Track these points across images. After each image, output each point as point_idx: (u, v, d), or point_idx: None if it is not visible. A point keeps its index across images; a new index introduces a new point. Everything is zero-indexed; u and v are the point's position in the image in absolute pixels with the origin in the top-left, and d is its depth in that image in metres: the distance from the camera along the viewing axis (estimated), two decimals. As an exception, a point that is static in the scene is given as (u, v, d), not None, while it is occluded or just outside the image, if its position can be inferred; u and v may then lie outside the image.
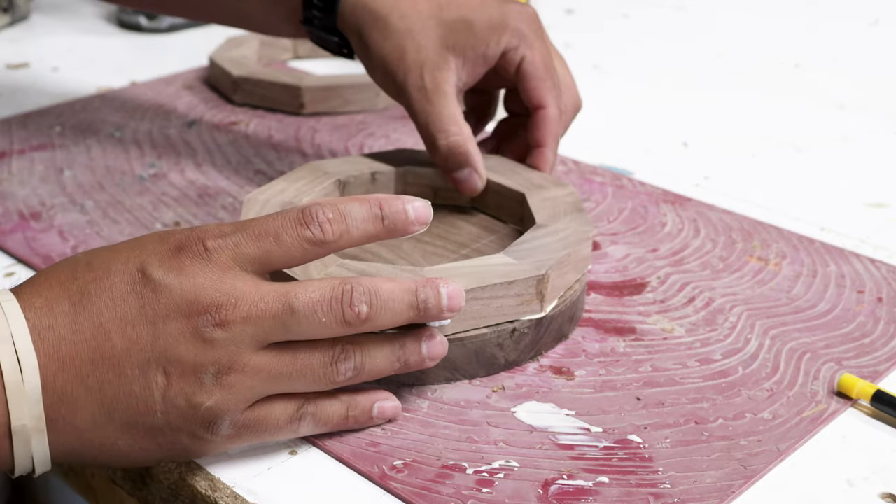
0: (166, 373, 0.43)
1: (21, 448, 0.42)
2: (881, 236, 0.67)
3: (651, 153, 0.80)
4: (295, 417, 0.46)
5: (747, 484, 0.46)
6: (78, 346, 0.42)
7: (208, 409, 0.43)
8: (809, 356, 0.54)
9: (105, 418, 0.43)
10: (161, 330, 0.43)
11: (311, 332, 0.44)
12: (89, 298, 0.43)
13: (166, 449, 0.44)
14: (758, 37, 1.08)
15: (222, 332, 0.43)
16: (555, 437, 0.48)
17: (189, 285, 0.43)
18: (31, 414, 0.41)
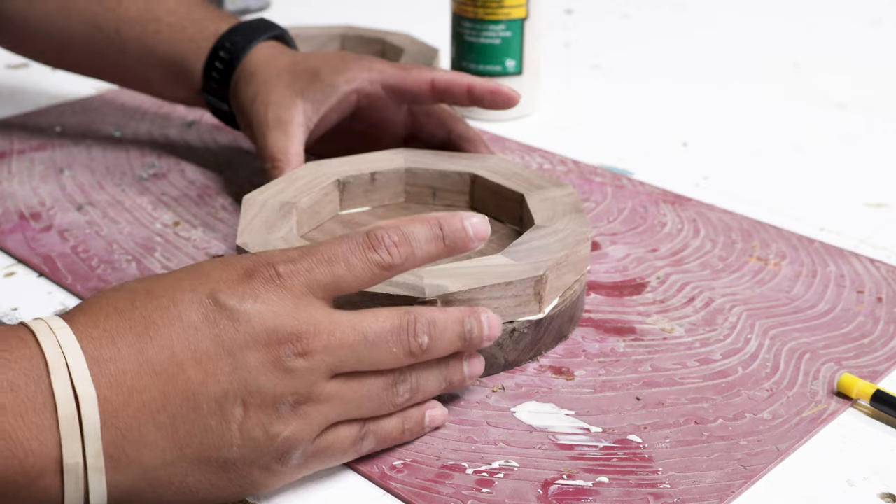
0: (245, 404, 0.41)
1: (72, 486, 0.39)
2: (881, 236, 0.67)
3: (651, 153, 0.80)
4: (358, 438, 0.45)
5: (747, 484, 0.46)
6: (146, 380, 0.40)
7: (285, 439, 0.42)
8: (809, 356, 0.54)
9: (176, 455, 0.41)
10: (240, 360, 0.41)
11: (380, 362, 0.44)
12: (156, 329, 0.41)
13: (236, 484, 0.43)
14: (757, 36, 1.08)
15: (303, 362, 0.42)
16: (554, 437, 0.48)
17: (268, 313, 0.42)
18: (89, 451, 0.39)
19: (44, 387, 0.39)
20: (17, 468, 0.38)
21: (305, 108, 0.66)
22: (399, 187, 0.64)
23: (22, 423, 0.38)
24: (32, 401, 0.39)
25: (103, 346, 0.40)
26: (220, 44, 0.70)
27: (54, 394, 0.39)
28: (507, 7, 0.81)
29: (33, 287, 0.61)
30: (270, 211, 0.58)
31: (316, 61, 0.68)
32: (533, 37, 0.83)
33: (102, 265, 0.63)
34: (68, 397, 0.39)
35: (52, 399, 0.39)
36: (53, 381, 0.39)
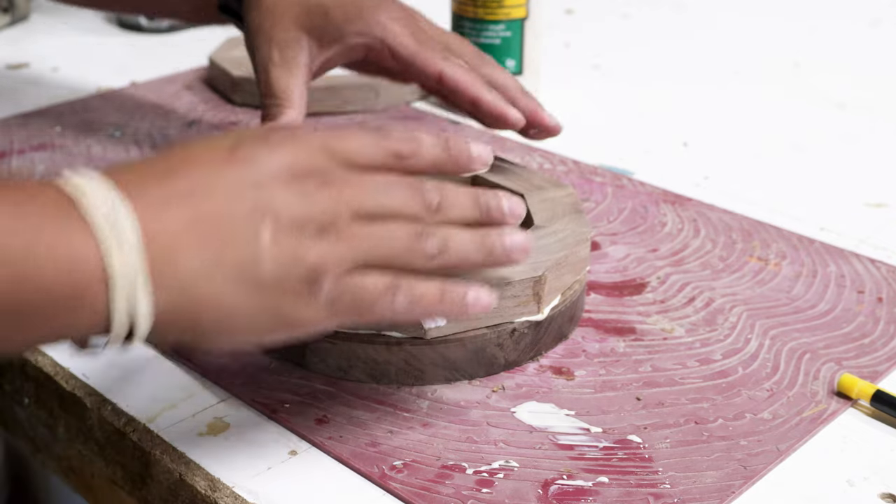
0: (273, 223, 0.42)
1: (120, 299, 0.39)
2: (881, 236, 0.67)
3: (651, 153, 0.80)
4: (390, 288, 0.43)
5: (747, 484, 0.46)
6: (175, 203, 0.41)
7: (313, 263, 0.42)
8: (809, 356, 0.54)
9: (211, 268, 0.41)
10: (265, 189, 0.42)
11: (398, 207, 0.45)
12: (183, 169, 0.42)
13: (270, 310, 0.42)
14: (757, 36, 1.08)
15: (325, 192, 0.43)
16: (554, 437, 0.48)
17: (290, 154, 0.43)
18: (129, 261, 0.39)
19: (76, 210, 0.39)
20: (65, 278, 0.38)
21: (311, 47, 0.63)
22: None
23: (64, 236, 0.39)
24: (69, 217, 0.39)
25: (130, 181, 0.41)
26: None
27: (90, 214, 0.39)
28: (507, 7, 0.81)
29: (33, 287, 0.61)
30: None
31: (329, 1, 0.63)
32: (533, 37, 0.83)
33: (102, 265, 0.63)
34: (104, 210, 0.39)
35: (87, 219, 0.39)
36: (87, 205, 0.39)
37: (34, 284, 0.38)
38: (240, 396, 0.52)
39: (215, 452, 0.48)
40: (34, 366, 0.56)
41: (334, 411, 0.50)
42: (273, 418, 0.50)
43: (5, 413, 0.62)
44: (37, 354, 0.56)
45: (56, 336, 0.40)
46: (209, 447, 0.49)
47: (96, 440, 0.53)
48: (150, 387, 0.53)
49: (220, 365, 0.54)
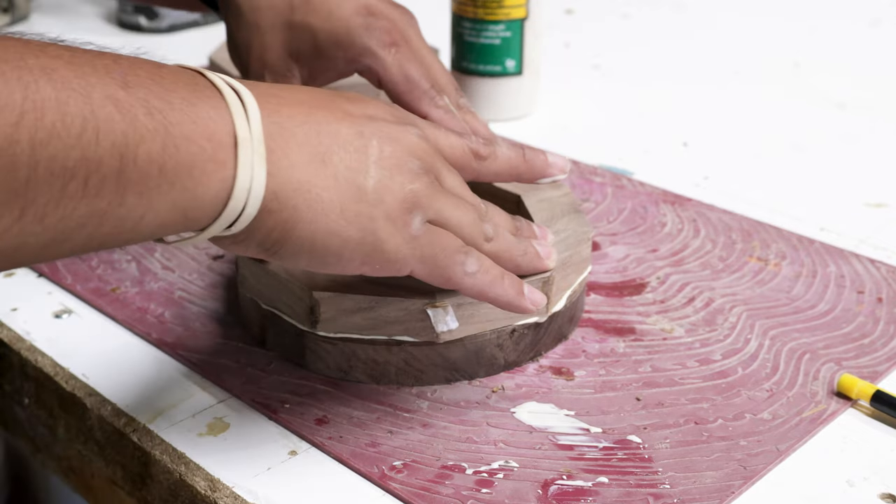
0: (380, 148, 0.45)
1: (245, 165, 0.41)
2: (881, 236, 0.67)
3: (651, 153, 0.80)
4: (465, 249, 0.47)
5: (747, 484, 0.46)
6: (293, 102, 0.44)
7: (411, 191, 0.45)
8: (809, 356, 0.54)
9: (320, 160, 0.43)
10: (376, 121, 0.46)
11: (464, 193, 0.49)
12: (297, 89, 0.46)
13: (362, 226, 0.44)
14: (757, 36, 1.08)
15: (422, 142, 0.47)
16: (554, 437, 0.48)
17: (396, 112, 0.48)
18: (253, 133, 0.41)
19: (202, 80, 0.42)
20: (201, 136, 0.40)
21: (302, 74, 0.62)
22: None
23: (198, 100, 0.41)
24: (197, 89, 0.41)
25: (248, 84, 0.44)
26: None
27: (218, 85, 0.42)
28: (507, 7, 0.81)
29: (33, 287, 0.61)
30: None
31: (315, 19, 0.60)
32: (533, 37, 0.83)
33: (102, 265, 0.63)
34: (227, 87, 0.42)
35: (216, 87, 0.42)
36: (211, 77, 0.42)
37: (176, 140, 0.39)
38: (240, 396, 0.52)
39: (215, 452, 0.48)
40: (34, 366, 0.56)
41: (334, 411, 0.50)
42: (273, 418, 0.50)
43: (5, 413, 0.62)
44: (37, 354, 0.56)
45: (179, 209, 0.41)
46: (209, 447, 0.49)
47: (96, 440, 0.53)
48: (151, 387, 0.53)
49: (220, 365, 0.54)
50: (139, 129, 0.38)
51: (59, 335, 0.57)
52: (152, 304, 0.59)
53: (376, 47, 0.59)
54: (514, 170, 0.54)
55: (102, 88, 0.38)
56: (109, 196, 0.38)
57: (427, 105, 0.60)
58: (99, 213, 0.38)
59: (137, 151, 0.38)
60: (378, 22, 0.60)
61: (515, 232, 0.52)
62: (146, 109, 0.39)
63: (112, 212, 0.38)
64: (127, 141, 0.38)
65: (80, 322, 0.58)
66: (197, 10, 0.73)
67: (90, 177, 0.37)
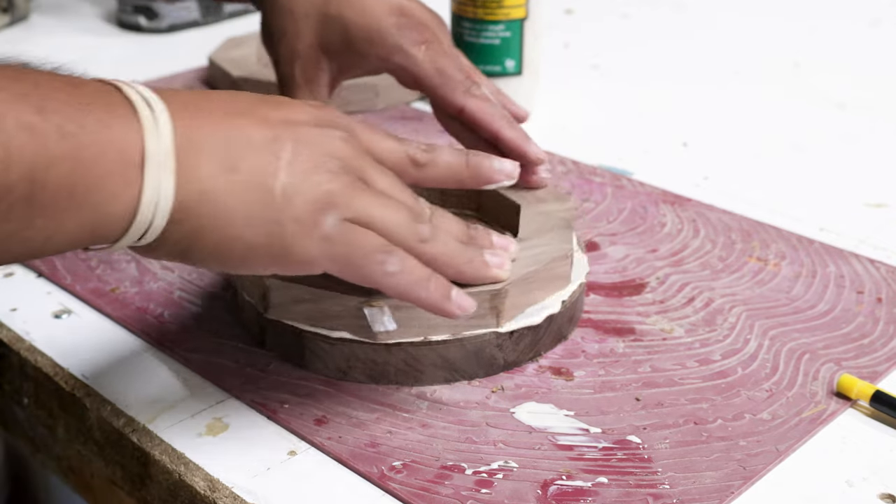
0: (294, 148, 0.45)
1: (152, 180, 0.41)
2: (881, 236, 0.67)
3: (650, 153, 0.80)
4: (387, 247, 0.46)
5: (746, 484, 0.46)
6: (205, 112, 0.44)
7: (324, 191, 0.44)
8: (809, 356, 0.54)
9: (228, 168, 0.43)
10: (294, 125, 0.46)
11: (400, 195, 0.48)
12: (215, 94, 0.46)
13: (271, 226, 0.44)
14: (757, 36, 1.08)
15: (345, 144, 0.46)
16: (554, 437, 0.48)
17: (321, 114, 0.47)
18: (163, 147, 0.41)
19: (118, 95, 0.42)
20: (111, 156, 0.40)
21: (331, 69, 0.63)
22: None
23: (112, 120, 0.41)
24: (112, 103, 0.41)
25: (163, 92, 0.44)
26: None
27: (129, 98, 0.42)
28: (507, 7, 0.81)
29: (32, 287, 0.61)
30: None
31: (350, 13, 0.61)
32: (533, 37, 0.83)
33: (102, 265, 0.63)
34: (141, 101, 0.42)
35: (130, 102, 0.42)
36: (126, 91, 0.42)
37: (86, 162, 0.40)
38: (239, 397, 0.52)
39: (214, 453, 0.48)
40: (34, 366, 0.56)
41: (334, 412, 0.50)
42: (272, 419, 0.50)
43: (5, 413, 0.62)
44: (36, 355, 0.56)
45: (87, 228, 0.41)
46: (208, 447, 0.49)
47: (95, 440, 0.53)
48: (150, 387, 0.53)
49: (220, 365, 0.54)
50: (50, 155, 0.39)
51: (59, 335, 0.57)
52: (152, 304, 0.59)
53: (408, 46, 0.60)
54: (455, 176, 0.52)
55: (16, 116, 0.38)
56: (18, 220, 0.39)
57: (463, 96, 0.60)
58: (6, 235, 0.39)
59: (48, 177, 0.39)
60: (410, 21, 0.61)
61: (466, 240, 0.50)
62: (59, 134, 0.39)
63: (20, 233, 0.39)
64: (37, 167, 0.38)
65: (80, 322, 0.58)
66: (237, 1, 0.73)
67: (0, 203, 0.38)
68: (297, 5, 0.61)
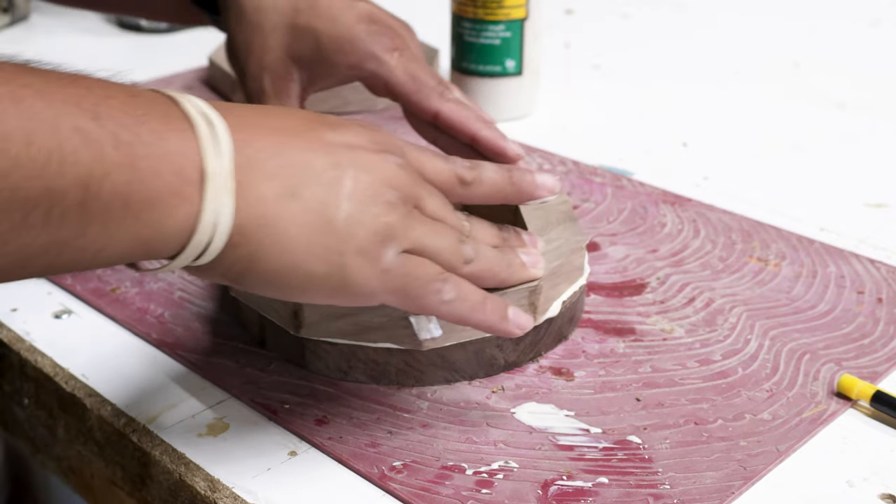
0: (355, 178, 0.44)
1: (211, 201, 0.40)
2: (881, 236, 0.67)
3: (651, 153, 0.80)
4: (441, 277, 0.46)
5: (747, 484, 0.46)
6: (265, 132, 0.43)
7: (385, 223, 0.44)
8: (809, 357, 0.54)
9: (288, 194, 0.42)
10: (353, 150, 0.45)
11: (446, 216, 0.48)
12: (276, 112, 0.46)
13: (330, 256, 0.43)
14: (757, 36, 1.08)
15: (401, 170, 0.46)
16: (554, 437, 0.48)
17: (377, 136, 0.47)
18: (223, 166, 0.40)
19: (176, 109, 0.41)
20: (168, 170, 0.39)
21: (301, 79, 0.62)
22: None
23: (169, 133, 0.40)
24: (170, 117, 0.40)
25: (223, 108, 0.43)
26: None
27: (188, 114, 0.41)
28: (507, 7, 0.81)
29: (33, 287, 0.61)
30: None
31: (320, 23, 0.60)
32: (533, 37, 0.83)
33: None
34: (202, 119, 0.41)
35: (188, 118, 0.41)
36: (185, 106, 0.41)
37: (142, 174, 0.39)
38: (240, 397, 0.52)
39: (215, 453, 0.48)
40: (34, 366, 0.56)
41: (334, 412, 0.50)
42: (273, 419, 0.50)
43: (5, 413, 0.62)
44: (36, 355, 0.56)
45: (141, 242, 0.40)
46: (209, 448, 0.49)
47: (96, 441, 0.53)
48: (150, 387, 0.53)
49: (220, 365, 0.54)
50: (106, 163, 0.38)
51: (59, 335, 0.57)
52: (152, 304, 0.59)
53: (380, 52, 0.60)
54: (500, 193, 0.52)
55: (71, 120, 0.37)
56: (71, 227, 0.38)
57: (437, 100, 0.59)
58: (60, 243, 0.38)
59: (102, 185, 0.38)
60: (380, 28, 0.60)
61: (501, 243, 0.51)
62: (115, 142, 0.38)
63: (73, 242, 0.38)
64: (92, 174, 0.38)
65: (80, 322, 0.58)
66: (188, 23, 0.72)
67: (53, 208, 0.37)
68: (265, 19, 0.60)
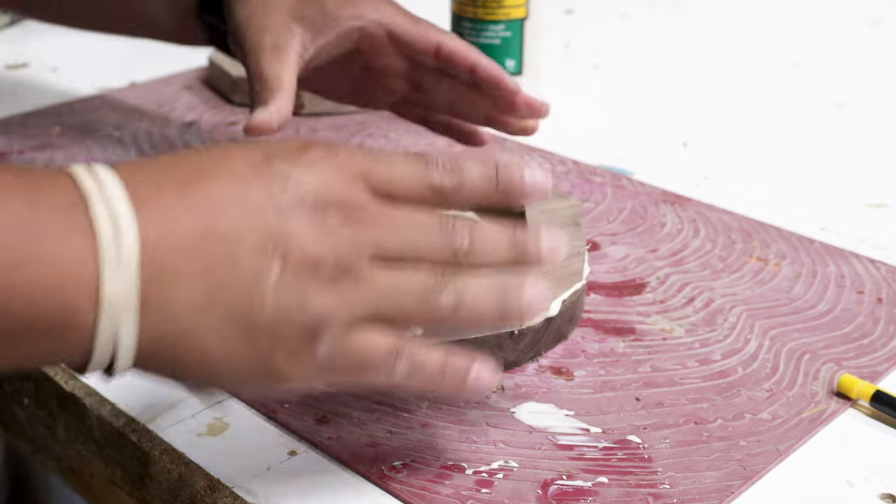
0: (284, 260, 0.39)
1: (107, 326, 0.37)
2: (881, 236, 0.67)
3: (651, 153, 0.80)
4: (393, 351, 0.41)
5: (747, 484, 0.46)
6: (187, 219, 0.38)
7: (317, 314, 0.39)
8: (809, 356, 0.54)
9: (206, 304, 0.38)
10: (286, 216, 0.39)
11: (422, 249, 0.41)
12: (202, 175, 0.39)
13: (257, 362, 0.40)
14: (757, 36, 1.08)
15: (350, 230, 0.40)
16: (554, 437, 0.48)
17: (320, 180, 0.40)
18: (124, 287, 0.37)
19: (82, 216, 0.37)
20: (55, 298, 0.36)
21: (303, 37, 0.62)
22: None
23: (62, 249, 0.37)
24: (72, 227, 0.37)
25: (145, 187, 0.38)
26: None
27: (94, 222, 0.37)
28: (507, 7, 0.81)
29: (33, 287, 0.61)
30: None
31: None
32: (533, 37, 0.83)
33: (102, 265, 0.63)
34: (108, 226, 0.37)
35: (92, 228, 0.37)
36: (94, 210, 0.37)
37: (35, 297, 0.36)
38: (239, 397, 0.52)
39: (215, 453, 0.48)
40: (34, 366, 0.56)
41: (334, 411, 0.50)
42: (273, 418, 0.50)
43: (5, 413, 0.62)
44: (36, 355, 0.56)
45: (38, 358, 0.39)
46: (209, 447, 0.49)
47: (96, 440, 0.53)
48: (150, 387, 0.53)
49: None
50: None
51: (59, 335, 0.57)
52: (152, 304, 0.59)
53: (379, 3, 0.64)
54: (485, 200, 0.44)
55: None
56: None
57: (438, 34, 0.63)
58: None
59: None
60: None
61: (513, 257, 0.43)
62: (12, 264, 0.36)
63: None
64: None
65: (80, 322, 0.58)
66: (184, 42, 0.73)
67: None
68: None
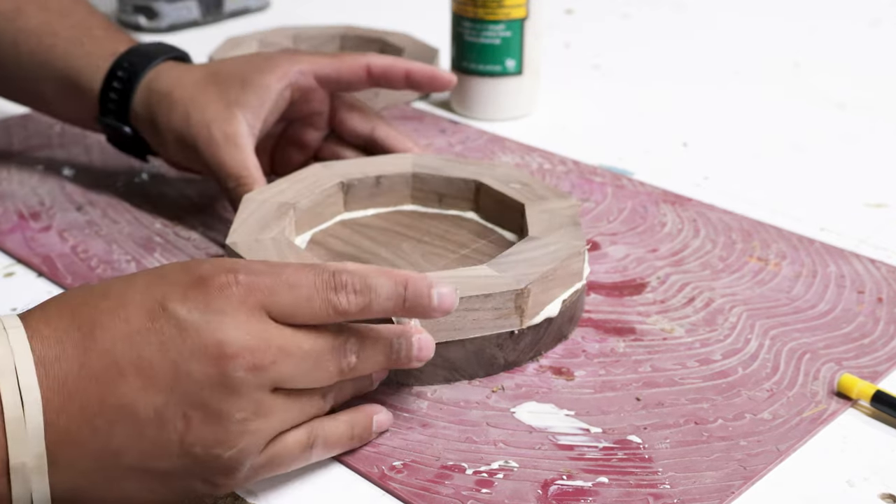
0: (187, 418, 0.40)
1: (20, 487, 0.39)
2: (881, 236, 0.67)
3: (651, 153, 0.80)
4: (307, 445, 0.44)
5: (747, 484, 0.46)
6: (86, 383, 0.40)
7: (230, 457, 0.41)
8: (809, 356, 0.54)
9: (112, 462, 0.40)
10: (184, 371, 0.40)
11: (317, 379, 0.44)
12: (102, 330, 0.40)
13: (178, 492, 0.42)
14: (757, 36, 1.08)
15: (252, 378, 0.41)
16: (554, 437, 0.48)
17: (217, 324, 0.40)
18: (31, 452, 0.39)
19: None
20: None
21: (246, 117, 0.64)
22: (405, 192, 0.64)
23: None
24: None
25: (51, 346, 0.40)
26: (118, 64, 0.67)
27: (1, 397, 0.39)
28: (507, 7, 0.81)
29: (33, 287, 0.61)
30: (267, 211, 0.58)
31: (237, 66, 0.66)
32: (533, 37, 0.83)
33: (102, 265, 0.63)
34: (15, 400, 0.39)
35: (3, 405, 0.39)
36: (1, 385, 0.39)
37: None
38: (239, 396, 0.52)
39: (215, 453, 0.48)
40: (34, 366, 0.55)
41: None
42: (273, 418, 0.50)
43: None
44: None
45: None
46: (209, 447, 0.49)
47: (96, 440, 0.53)
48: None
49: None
50: None
51: (59, 335, 0.57)
52: (152, 303, 0.59)
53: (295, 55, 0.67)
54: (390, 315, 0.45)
55: None
56: None
57: (363, 58, 0.67)
58: None
59: None
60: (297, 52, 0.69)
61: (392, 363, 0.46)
62: None
63: None
64: None
65: (80, 322, 0.58)
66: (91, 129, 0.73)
67: None
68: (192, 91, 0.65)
